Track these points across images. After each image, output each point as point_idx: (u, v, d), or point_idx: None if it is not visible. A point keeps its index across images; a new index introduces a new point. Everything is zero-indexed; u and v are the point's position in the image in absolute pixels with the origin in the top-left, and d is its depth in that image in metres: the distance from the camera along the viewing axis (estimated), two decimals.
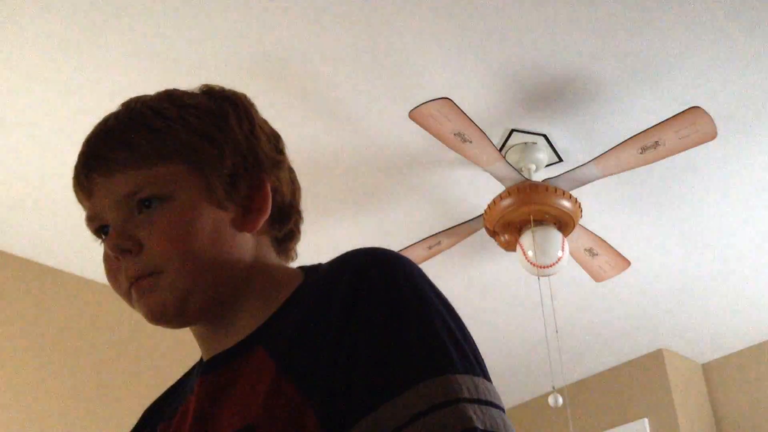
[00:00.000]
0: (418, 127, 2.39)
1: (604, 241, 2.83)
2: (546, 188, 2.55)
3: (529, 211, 2.56)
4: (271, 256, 0.85)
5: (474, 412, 0.65)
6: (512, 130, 2.62)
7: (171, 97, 0.82)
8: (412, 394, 0.65)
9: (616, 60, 2.35)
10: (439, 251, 2.86)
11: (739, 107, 2.53)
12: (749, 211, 3.00)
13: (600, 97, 2.49)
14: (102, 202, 0.79)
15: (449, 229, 2.77)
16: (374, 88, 2.44)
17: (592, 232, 2.81)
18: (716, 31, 2.26)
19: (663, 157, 2.43)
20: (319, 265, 0.83)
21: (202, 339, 0.83)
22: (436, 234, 2.78)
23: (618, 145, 2.43)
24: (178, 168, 0.78)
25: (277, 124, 0.91)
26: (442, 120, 2.32)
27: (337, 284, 0.72)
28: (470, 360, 0.69)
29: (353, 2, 2.16)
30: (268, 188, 0.82)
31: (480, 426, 0.64)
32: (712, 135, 2.34)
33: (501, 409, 0.68)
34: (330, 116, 2.52)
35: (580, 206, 2.63)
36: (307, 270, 0.84)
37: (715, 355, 4.03)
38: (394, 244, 3.08)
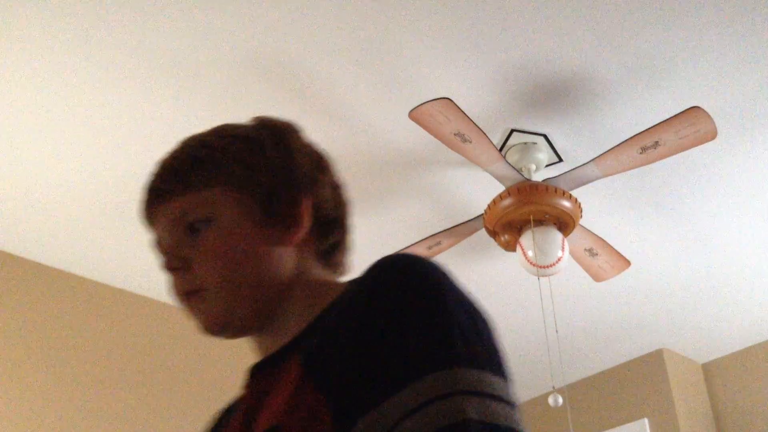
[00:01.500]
0: (418, 127, 2.39)
1: (604, 241, 2.83)
2: (546, 188, 2.55)
3: (529, 211, 2.56)
4: (315, 269, 0.90)
5: (470, 403, 0.65)
6: (512, 130, 2.62)
7: (218, 129, 0.91)
8: (411, 389, 0.66)
9: (616, 60, 2.35)
10: (439, 251, 2.86)
11: (739, 107, 2.53)
12: (749, 211, 3.00)
13: (600, 97, 2.49)
14: (160, 229, 0.88)
15: (449, 229, 2.77)
16: (374, 88, 2.44)
17: (592, 232, 2.81)
18: (716, 31, 2.27)
19: (663, 157, 2.43)
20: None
21: (255, 346, 0.90)
22: (436, 234, 2.78)
23: (618, 145, 2.43)
24: (218, 191, 0.86)
25: None
26: (442, 120, 2.32)
27: (361, 291, 0.75)
28: (479, 356, 0.69)
29: (353, 2, 2.16)
30: (305, 204, 0.88)
31: (475, 416, 0.64)
32: (712, 135, 2.34)
33: (509, 404, 0.67)
34: (330, 116, 2.52)
35: (580, 206, 2.63)
36: (350, 282, 0.86)
37: (715, 355, 4.03)
38: (394, 244, 3.08)
